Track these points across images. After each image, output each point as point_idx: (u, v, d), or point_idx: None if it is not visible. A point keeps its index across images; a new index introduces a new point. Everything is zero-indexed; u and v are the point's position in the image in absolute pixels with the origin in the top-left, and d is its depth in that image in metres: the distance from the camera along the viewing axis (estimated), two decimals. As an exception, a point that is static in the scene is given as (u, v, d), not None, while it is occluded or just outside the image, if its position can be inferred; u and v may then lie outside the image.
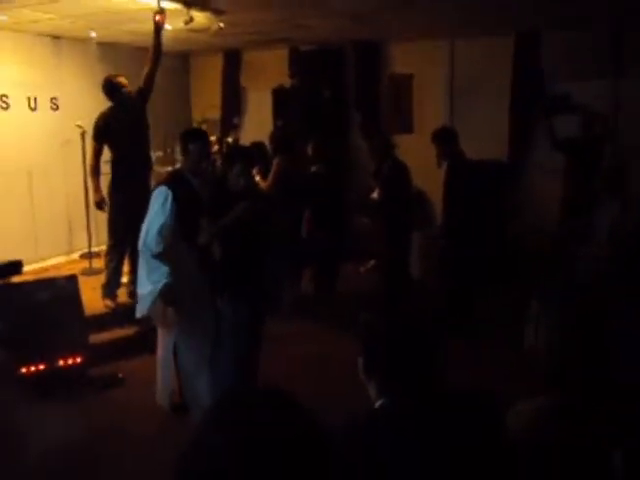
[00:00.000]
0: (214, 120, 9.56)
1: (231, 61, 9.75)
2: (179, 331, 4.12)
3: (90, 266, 7.31)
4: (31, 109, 7.55)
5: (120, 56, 8.18)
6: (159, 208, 3.90)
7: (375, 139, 6.90)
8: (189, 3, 5.73)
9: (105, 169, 6.17)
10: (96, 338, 5.43)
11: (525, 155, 8.11)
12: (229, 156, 4.39)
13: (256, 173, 5.64)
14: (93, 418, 4.52)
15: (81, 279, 5.64)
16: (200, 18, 6.13)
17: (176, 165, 6.42)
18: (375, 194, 6.65)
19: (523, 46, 7.92)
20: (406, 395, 1.75)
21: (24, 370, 4.81)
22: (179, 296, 3.94)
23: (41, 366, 4.88)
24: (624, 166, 5.54)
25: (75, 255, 8.02)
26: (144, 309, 4.02)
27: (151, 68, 5.98)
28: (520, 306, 2.38)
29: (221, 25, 6.38)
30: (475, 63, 8.24)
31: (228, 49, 9.46)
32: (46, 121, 7.72)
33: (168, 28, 6.13)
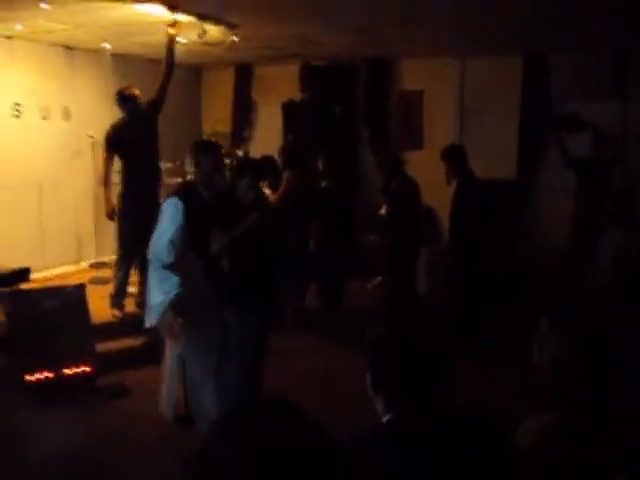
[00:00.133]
0: (224, 133, 9.60)
1: (243, 75, 9.80)
2: (186, 342, 4.11)
3: (98, 275, 7.31)
4: (43, 118, 7.59)
5: (133, 67, 8.25)
6: (170, 219, 3.89)
7: (383, 155, 6.91)
8: (203, 16, 5.78)
9: (114, 179, 6.17)
10: (103, 347, 5.44)
11: (534, 176, 8.11)
12: (238, 168, 4.39)
13: (266, 187, 5.65)
14: (97, 425, 4.53)
15: (89, 288, 5.66)
16: (214, 32, 6.19)
17: (186, 177, 6.44)
18: (383, 210, 6.63)
19: (532, 67, 7.96)
20: (413, 410, 1.76)
21: (30, 377, 4.80)
22: (187, 307, 3.94)
23: (48, 373, 4.87)
24: (633, 187, 5.55)
25: (84, 264, 8.02)
26: (153, 319, 3.97)
27: (164, 80, 6.01)
28: (528, 325, 2.38)
29: (235, 39, 6.43)
30: (484, 82, 8.27)
31: (240, 63, 9.53)
32: (57, 130, 7.77)
33: (182, 41, 6.19)
